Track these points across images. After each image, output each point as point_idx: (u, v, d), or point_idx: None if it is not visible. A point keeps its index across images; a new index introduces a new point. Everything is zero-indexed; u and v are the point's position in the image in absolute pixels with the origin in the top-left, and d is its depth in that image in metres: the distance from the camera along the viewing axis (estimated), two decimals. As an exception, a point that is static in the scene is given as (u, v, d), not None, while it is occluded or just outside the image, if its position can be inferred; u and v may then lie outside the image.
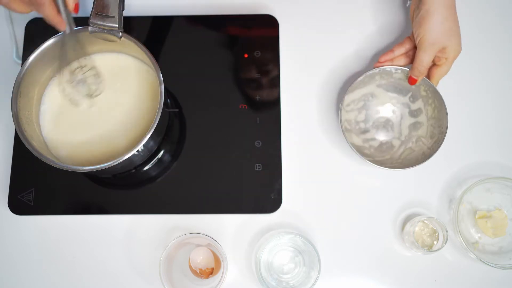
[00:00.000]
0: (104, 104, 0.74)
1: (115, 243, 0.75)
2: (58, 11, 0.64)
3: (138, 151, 0.66)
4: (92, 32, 0.68)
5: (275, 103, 0.79)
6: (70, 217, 0.76)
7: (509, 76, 0.81)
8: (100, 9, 0.67)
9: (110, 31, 0.67)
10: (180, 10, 0.84)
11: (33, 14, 0.82)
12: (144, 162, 0.76)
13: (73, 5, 0.64)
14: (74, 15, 0.66)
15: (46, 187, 0.76)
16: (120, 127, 0.73)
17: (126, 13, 0.83)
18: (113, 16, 0.67)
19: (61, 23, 0.65)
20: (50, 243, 0.75)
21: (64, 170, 0.65)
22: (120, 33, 0.68)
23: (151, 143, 0.71)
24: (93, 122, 0.73)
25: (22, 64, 0.70)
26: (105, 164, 0.65)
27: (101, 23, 0.67)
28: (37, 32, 0.81)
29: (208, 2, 0.84)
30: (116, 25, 0.67)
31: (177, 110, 0.79)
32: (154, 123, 0.66)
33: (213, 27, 0.75)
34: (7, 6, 0.63)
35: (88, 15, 0.68)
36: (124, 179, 0.77)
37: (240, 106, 0.79)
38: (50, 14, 0.63)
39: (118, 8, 0.67)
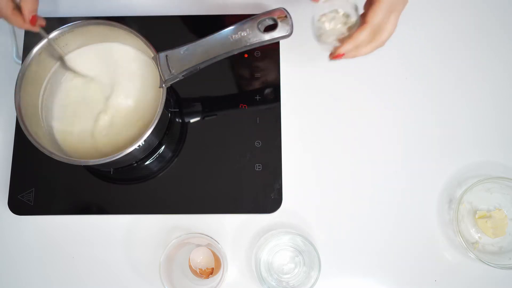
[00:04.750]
0: (106, 97, 0.74)
1: (115, 243, 0.75)
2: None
3: (139, 145, 0.66)
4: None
5: (275, 103, 0.79)
6: (70, 217, 0.76)
7: (510, 76, 0.81)
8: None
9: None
10: (181, 10, 0.84)
11: (33, 14, 0.83)
12: (145, 157, 0.76)
13: (29, 17, 0.65)
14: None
15: (46, 187, 0.76)
16: (122, 120, 0.73)
17: (126, 13, 0.84)
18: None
19: (21, 24, 0.66)
20: (50, 243, 0.75)
21: (64, 168, 0.65)
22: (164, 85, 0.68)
23: (152, 137, 0.71)
24: (95, 116, 0.73)
25: (25, 58, 0.70)
26: (106, 158, 0.65)
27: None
28: (37, 32, 0.81)
29: (208, 2, 0.84)
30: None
31: (177, 110, 0.79)
32: (155, 119, 0.67)
33: (213, 27, 0.75)
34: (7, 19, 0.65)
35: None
36: (126, 173, 0.78)
37: (240, 106, 0.79)
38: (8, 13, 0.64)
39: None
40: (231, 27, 0.65)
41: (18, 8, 0.65)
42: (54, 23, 0.79)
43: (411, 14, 0.84)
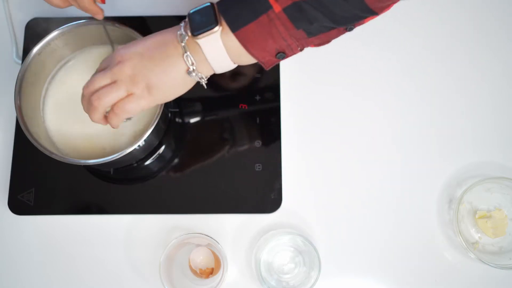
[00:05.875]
0: None
1: (115, 243, 0.75)
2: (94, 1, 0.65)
3: (139, 145, 0.66)
4: None
5: (275, 103, 0.79)
6: (70, 217, 0.76)
7: (509, 76, 0.82)
8: None
9: None
10: (181, 10, 0.84)
11: (33, 14, 0.83)
12: (145, 157, 0.76)
13: None
14: (102, 4, 0.67)
15: (46, 187, 0.76)
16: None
17: (127, 13, 0.84)
18: None
19: (98, 11, 0.66)
20: (50, 243, 0.75)
21: (64, 168, 0.65)
22: None
23: (152, 137, 0.71)
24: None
25: (25, 58, 0.70)
26: (106, 158, 0.66)
27: None
28: (37, 32, 0.81)
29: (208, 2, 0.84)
30: None
31: (177, 110, 0.79)
32: (155, 119, 0.67)
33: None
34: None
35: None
36: (126, 173, 0.78)
37: (240, 106, 0.79)
38: (88, 5, 0.64)
39: None
40: None
41: None
42: (54, 23, 0.79)
43: (410, 14, 0.84)
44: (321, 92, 0.81)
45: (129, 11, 0.84)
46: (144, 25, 0.82)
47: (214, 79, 0.80)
